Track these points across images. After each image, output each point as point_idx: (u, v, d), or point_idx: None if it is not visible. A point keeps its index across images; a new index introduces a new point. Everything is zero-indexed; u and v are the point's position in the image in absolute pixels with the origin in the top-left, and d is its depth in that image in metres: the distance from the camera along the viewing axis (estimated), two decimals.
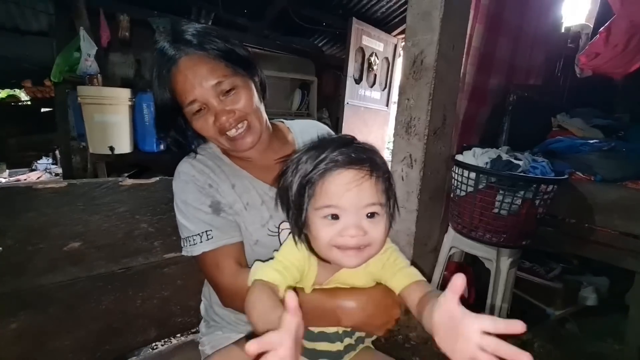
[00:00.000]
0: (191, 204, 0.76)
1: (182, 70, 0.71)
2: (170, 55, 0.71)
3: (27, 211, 0.74)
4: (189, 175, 0.78)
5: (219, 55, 0.72)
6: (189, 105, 0.72)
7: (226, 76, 0.72)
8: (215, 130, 0.74)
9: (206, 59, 0.71)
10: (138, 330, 0.94)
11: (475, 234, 1.83)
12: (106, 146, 2.74)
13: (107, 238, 0.86)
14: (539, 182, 1.63)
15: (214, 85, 0.71)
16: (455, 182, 1.89)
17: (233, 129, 0.74)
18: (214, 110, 0.73)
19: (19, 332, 0.76)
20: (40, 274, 0.78)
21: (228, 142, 0.76)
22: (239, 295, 0.65)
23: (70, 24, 3.10)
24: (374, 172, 0.54)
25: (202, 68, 0.71)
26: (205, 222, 0.75)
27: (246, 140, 0.76)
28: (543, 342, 1.89)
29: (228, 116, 0.73)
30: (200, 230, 0.74)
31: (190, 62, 0.71)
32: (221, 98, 0.72)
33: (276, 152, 0.84)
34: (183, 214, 0.77)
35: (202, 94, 0.71)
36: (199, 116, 0.74)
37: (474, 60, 2.23)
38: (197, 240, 0.74)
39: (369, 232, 0.55)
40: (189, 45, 0.71)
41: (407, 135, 1.96)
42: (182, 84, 0.71)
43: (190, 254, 0.76)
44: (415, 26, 1.86)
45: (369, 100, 4.42)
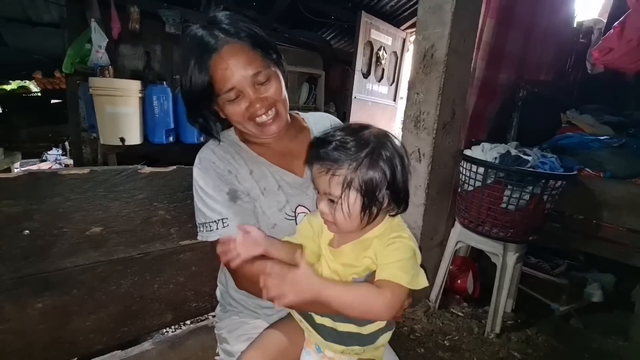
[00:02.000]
0: (209, 191, 0.78)
1: (224, 59, 0.72)
2: (212, 44, 0.72)
3: (53, 196, 0.77)
4: (209, 162, 0.81)
5: (256, 45, 0.75)
6: (227, 92, 0.74)
7: (263, 66, 0.75)
8: (246, 116, 0.77)
9: (246, 48, 0.74)
10: (154, 313, 0.97)
11: (482, 228, 1.84)
12: (117, 137, 2.78)
13: (126, 224, 0.89)
14: (548, 178, 1.63)
15: (253, 75, 0.74)
16: (463, 177, 1.89)
17: (263, 115, 0.77)
18: (249, 98, 0.76)
19: (44, 312, 0.80)
20: (64, 257, 0.81)
21: (255, 127, 0.79)
22: (254, 279, 0.68)
23: (82, 15, 3.12)
24: (330, 170, 0.64)
25: (243, 57, 0.73)
26: (222, 209, 0.77)
27: (273, 126, 0.79)
28: (548, 337, 1.90)
29: (262, 104, 0.76)
30: (216, 217, 0.76)
31: (232, 51, 0.73)
32: (256, 87, 0.76)
33: (291, 139, 0.89)
34: (201, 199, 0.79)
35: (241, 83, 0.74)
36: (234, 103, 0.76)
37: (484, 55, 2.22)
38: (214, 227, 0.76)
39: (331, 214, 0.67)
40: (228, 34, 0.73)
41: (416, 130, 1.97)
42: (223, 72, 0.73)
43: (206, 239, 0.78)
44: (426, 20, 1.85)
45: (376, 95, 4.41)
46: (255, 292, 0.74)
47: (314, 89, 4.42)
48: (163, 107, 3.04)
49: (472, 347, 1.82)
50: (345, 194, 0.63)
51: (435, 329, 1.93)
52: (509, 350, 1.80)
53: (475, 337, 1.89)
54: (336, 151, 0.64)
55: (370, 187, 0.64)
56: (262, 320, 0.87)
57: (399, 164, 0.66)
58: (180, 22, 3.55)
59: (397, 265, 0.63)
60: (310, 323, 0.74)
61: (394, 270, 0.63)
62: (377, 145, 0.65)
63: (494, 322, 1.89)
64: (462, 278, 2.20)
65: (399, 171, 0.66)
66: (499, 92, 2.36)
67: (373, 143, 0.64)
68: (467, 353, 1.77)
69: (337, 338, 0.71)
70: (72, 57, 3.01)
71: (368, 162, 0.63)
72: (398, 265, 0.63)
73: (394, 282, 0.62)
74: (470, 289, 2.20)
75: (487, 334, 1.89)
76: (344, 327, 0.70)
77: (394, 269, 0.63)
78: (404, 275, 0.63)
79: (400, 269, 0.63)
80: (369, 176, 0.63)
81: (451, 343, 1.84)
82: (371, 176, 0.63)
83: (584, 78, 2.96)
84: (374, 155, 0.64)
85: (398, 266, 0.63)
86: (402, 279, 0.62)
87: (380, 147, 0.65)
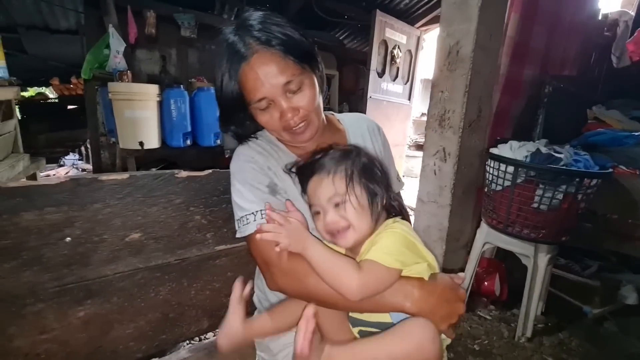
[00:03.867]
0: (249, 183, 0.76)
1: (253, 68, 0.70)
2: (242, 52, 0.70)
3: (93, 202, 0.76)
4: (248, 156, 0.79)
5: (288, 51, 0.72)
6: (258, 102, 0.73)
7: (295, 75, 0.72)
8: (280, 126, 0.76)
9: (277, 57, 0.71)
10: (192, 320, 0.96)
11: (512, 229, 1.78)
12: (136, 141, 2.79)
13: (164, 229, 0.87)
14: (583, 176, 1.57)
15: (284, 84, 0.72)
16: (490, 176, 1.84)
17: (294, 127, 0.76)
18: (280, 108, 0.74)
19: (86, 320, 0.79)
20: (105, 264, 0.80)
21: (288, 135, 0.78)
22: (291, 274, 0.67)
23: (99, 21, 3.16)
24: (329, 172, 0.70)
25: (273, 67, 0.70)
26: (261, 201, 0.74)
27: (305, 134, 0.78)
28: (581, 341, 1.84)
29: (293, 114, 0.74)
30: (254, 209, 0.73)
31: (262, 60, 0.70)
32: (288, 95, 0.74)
33: (327, 141, 0.85)
34: (240, 193, 0.76)
35: (272, 92, 0.72)
36: (266, 112, 0.75)
37: (509, 50, 2.16)
38: (251, 219, 0.73)
39: (343, 218, 0.68)
40: (259, 42, 0.70)
41: (441, 129, 1.92)
42: (253, 82, 0.71)
43: (243, 234, 0.75)
44: (450, 16, 1.81)
45: (391, 94, 4.35)
46: (293, 290, 0.71)
47: (327, 90, 4.39)
48: (180, 111, 3.05)
49: (503, 351, 1.76)
50: (350, 187, 0.67)
51: (464, 333, 1.88)
52: (542, 355, 1.74)
53: (506, 342, 1.84)
54: (327, 159, 0.71)
55: (369, 175, 0.70)
56: None
57: (376, 162, 0.75)
58: (195, 25, 3.57)
59: (381, 247, 0.65)
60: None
61: (376, 252, 0.64)
62: (354, 149, 0.75)
63: (525, 326, 1.83)
64: (489, 280, 2.14)
65: (379, 166, 0.74)
66: (524, 89, 2.30)
67: (350, 149, 0.74)
68: (498, 358, 1.72)
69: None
70: (91, 62, 3.05)
71: (357, 158, 0.71)
72: (382, 247, 0.65)
73: (372, 261, 0.63)
74: (498, 291, 2.14)
75: (518, 338, 1.84)
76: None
77: (377, 251, 0.64)
78: (386, 256, 0.63)
79: (383, 250, 0.64)
80: (363, 166, 0.70)
81: (481, 347, 1.79)
82: (365, 165, 0.71)
83: (609, 72, 2.87)
84: (360, 154, 0.73)
85: (382, 248, 0.65)
86: (382, 259, 0.63)
87: (357, 150, 0.75)
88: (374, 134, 0.97)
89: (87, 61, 3.05)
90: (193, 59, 3.96)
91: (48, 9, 3.72)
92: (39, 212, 0.70)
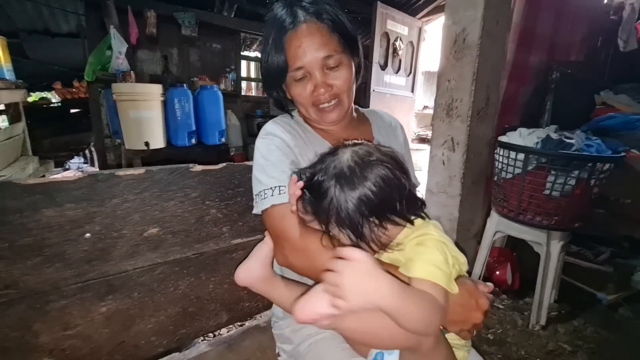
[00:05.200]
0: (272, 159, 0.75)
1: (299, 36, 0.72)
2: (290, 21, 0.72)
3: (112, 198, 0.76)
4: (275, 134, 0.79)
5: (334, 28, 0.74)
6: (295, 70, 0.74)
7: (336, 51, 0.74)
8: (310, 100, 0.77)
9: (323, 30, 0.73)
10: (210, 314, 0.96)
11: (523, 217, 1.77)
12: (142, 142, 2.80)
13: (181, 224, 0.87)
14: (596, 161, 1.55)
15: (324, 57, 0.73)
16: (499, 165, 1.83)
17: (325, 103, 0.77)
18: (315, 81, 0.75)
19: (108, 316, 0.79)
20: (124, 260, 0.80)
21: (316, 112, 0.79)
22: (302, 251, 0.66)
23: (101, 23, 3.16)
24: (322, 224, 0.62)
25: (317, 38, 0.72)
26: (282, 177, 0.73)
27: (333, 114, 0.78)
28: (597, 327, 1.83)
29: (326, 89, 0.75)
30: (273, 185, 0.72)
31: (308, 30, 0.72)
32: (325, 71, 0.75)
33: (354, 129, 0.87)
34: (261, 168, 0.75)
35: (310, 63, 0.73)
36: (300, 83, 0.76)
37: (514, 37, 2.14)
38: (269, 193, 0.72)
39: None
40: (308, 13, 0.73)
41: (449, 118, 1.90)
42: (295, 49, 0.72)
43: (260, 209, 0.74)
44: (456, 3, 1.78)
45: (394, 87, 4.33)
46: (302, 266, 0.70)
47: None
48: (184, 110, 3.05)
49: (518, 340, 1.76)
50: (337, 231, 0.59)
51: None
52: (557, 343, 1.73)
53: (520, 330, 1.83)
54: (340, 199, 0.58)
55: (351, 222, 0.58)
56: None
57: (374, 185, 0.57)
58: (195, 24, 3.56)
59: (435, 266, 0.57)
60: None
61: (435, 273, 0.56)
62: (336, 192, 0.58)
63: (539, 314, 1.82)
64: (500, 269, 2.13)
65: (377, 191, 0.58)
66: (530, 75, 2.27)
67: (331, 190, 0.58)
68: (513, 347, 1.72)
69: None
70: (94, 64, 3.05)
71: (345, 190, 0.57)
72: (435, 266, 0.57)
73: (437, 285, 0.56)
74: (510, 280, 2.13)
75: (532, 326, 1.83)
76: None
77: (435, 272, 0.56)
78: (446, 279, 0.57)
79: (438, 269, 0.56)
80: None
81: (495, 337, 1.78)
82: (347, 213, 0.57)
83: (616, 57, 2.83)
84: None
85: (435, 267, 0.57)
86: (444, 282, 0.56)
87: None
88: (396, 131, 0.97)
89: (90, 63, 3.05)
90: (194, 57, 3.96)
91: (49, 13, 3.72)
92: (59, 208, 0.70)
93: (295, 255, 0.69)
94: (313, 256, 0.66)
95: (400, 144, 0.95)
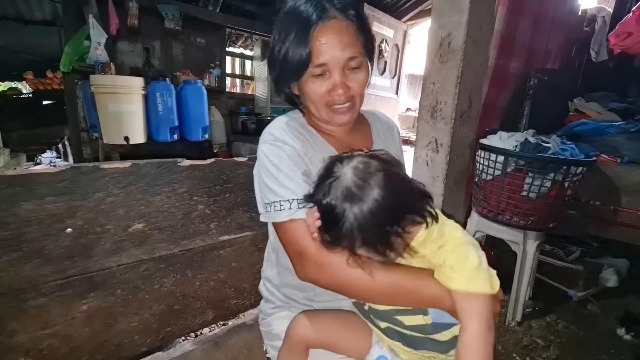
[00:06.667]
0: (284, 169, 0.72)
1: (327, 32, 0.68)
2: (317, 14, 0.69)
3: (95, 192, 0.73)
4: (285, 141, 0.76)
5: (361, 29, 0.71)
6: (317, 67, 0.70)
7: (360, 53, 0.71)
8: (325, 99, 0.73)
9: (351, 29, 0.70)
10: (197, 312, 0.94)
11: (502, 217, 1.84)
12: (121, 136, 2.71)
13: (167, 219, 0.85)
14: (570, 164, 1.63)
15: (348, 58, 0.70)
16: (480, 166, 1.89)
17: (339, 104, 0.74)
18: (334, 80, 0.71)
19: (90, 314, 0.76)
20: (108, 256, 0.77)
21: (328, 113, 0.75)
22: (326, 267, 0.65)
23: (78, 12, 3.03)
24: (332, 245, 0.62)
25: (345, 37, 0.69)
26: (298, 189, 0.71)
27: (345, 116, 0.75)
28: (568, 323, 1.92)
29: (344, 91, 0.72)
30: (290, 197, 0.70)
31: (337, 27, 0.69)
32: (346, 71, 0.71)
33: (356, 132, 0.85)
34: (273, 177, 0.72)
35: (333, 62, 0.70)
36: (317, 80, 0.72)
37: (496, 43, 2.21)
38: (286, 206, 0.70)
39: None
40: (336, 8, 0.69)
41: (433, 120, 1.94)
42: (320, 45, 0.69)
43: (273, 219, 0.71)
44: (442, 8, 1.82)
45: (379, 89, 4.38)
46: (326, 282, 0.68)
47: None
48: (167, 104, 2.98)
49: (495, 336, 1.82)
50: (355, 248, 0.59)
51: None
52: (531, 338, 1.80)
53: (497, 326, 1.89)
54: (348, 216, 0.57)
55: (370, 233, 0.57)
56: None
57: (381, 196, 0.57)
58: (179, 17, 3.47)
59: (472, 271, 0.57)
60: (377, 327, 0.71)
61: (475, 279, 0.56)
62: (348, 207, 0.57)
63: (515, 311, 1.89)
64: None
65: (384, 201, 0.57)
66: (510, 81, 2.36)
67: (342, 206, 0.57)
68: None
69: (411, 342, 0.68)
70: (70, 55, 2.92)
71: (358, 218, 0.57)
72: (473, 271, 0.57)
73: (480, 294, 0.56)
74: None
75: (509, 322, 1.90)
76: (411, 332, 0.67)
77: (475, 277, 0.56)
78: (485, 282, 0.57)
79: (481, 275, 0.57)
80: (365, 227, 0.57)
81: None
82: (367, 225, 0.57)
83: (588, 66, 2.98)
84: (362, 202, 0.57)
85: (474, 272, 0.57)
86: (486, 287, 0.56)
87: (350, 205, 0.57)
88: (393, 133, 0.96)
89: (66, 53, 2.92)
90: (178, 51, 3.86)
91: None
92: (39, 202, 0.67)
93: (319, 271, 0.68)
94: (338, 270, 0.65)
95: (397, 146, 0.95)
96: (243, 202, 0.97)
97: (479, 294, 0.56)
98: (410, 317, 0.65)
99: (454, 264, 0.57)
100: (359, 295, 0.69)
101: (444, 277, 0.58)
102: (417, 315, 0.64)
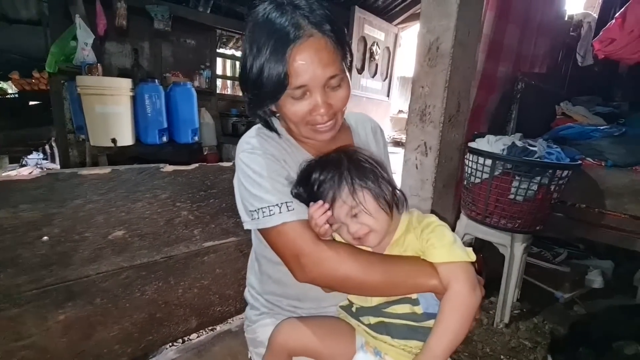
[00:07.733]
0: (268, 175, 0.71)
1: (305, 51, 0.64)
2: (293, 32, 0.64)
3: (73, 198, 0.71)
4: (262, 148, 0.74)
5: (338, 42, 0.67)
6: (296, 88, 0.66)
7: (340, 70, 0.68)
8: (306, 119, 0.71)
9: (330, 46, 0.66)
10: (179, 320, 0.92)
11: (490, 220, 1.85)
12: (108, 138, 2.67)
13: (149, 226, 0.83)
14: (556, 168, 1.65)
15: (329, 77, 0.67)
16: (469, 170, 1.90)
17: (322, 123, 0.71)
18: (315, 101, 0.68)
19: (67, 324, 0.74)
20: (86, 264, 0.75)
21: (309, 132, 0.73)
22: (323, 263, 0.65)
23: (65, 11, 2.97)
24: (334, 196, 0.69)
25: (324, 55, 0.65)
26: (285, 193, 0.70)
27: (327, 134, 0.74)
28: (554, 324, 1.94)
29: (326, 110, 0.69)
30: (279, 201, 0.69)
31: (316, 45, 0.65)
32: (327, 90, 0.69)
33: (336, 140, 0.81)
34: (257, 184, 0.71)
35: (314, 81, 0.66)
36: (297, 101, 0.69)
37: (484, 48, 2.23)
38: (276, 210, 0.68)
39: (364, 225, 0.71)
40: (311, 23, 0.65)
41: (422, 123, 1.95)
42: (299, 66, 0.65)
43: (264, 225, 0.69)
44: (430, 12, 1.84)
45: (370, 91, 4.40)
46: (326, 279, 0.68)
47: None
48: (155, 106, 2.94)
49: (483, 338, 1.83)
50: (357, 198, 0.67)
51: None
52: (519, 339, 1.82)
53: (485, 328, 1.91)
54: (325, 186, 0.68)
55: (369, 177, 0.69)
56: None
57: (371, 160, 0.72)
58: (169, 18, 3.44)
59: (450, 245, 0.65)
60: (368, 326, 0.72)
61: (453, 250, 0.64)
62: (345, 156, 0.71)
63: (503, 313, 1.91)
64: None
65: (374, 163, 0.71)
66: (498, 85, 2.38)
67: (341, 158, 0.71)
68: (479, 344, 1.78)
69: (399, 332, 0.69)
70: (56, 55, 2.87)
71: (350, 165, 0.69)
72: (451, 245, 0.65)
73: (460, 262, 0.63)
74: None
75: (497, 324, 1.91)
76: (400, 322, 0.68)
77: (454, 249, 0.64)
78: (462, 252, 0.64)
79: (458, 247, 0.64)
80: (360, 171, 0.69)
81: None
82: (361, 168, 0.69)
83: (574, 70, 3.04)
84: (351, 158, 0.71)
85: (452, 245, 0.65)
86: (463, 256, 0.63)
87: (349, 154, 0.72)
88: (376, 134, 0.94)
89: (52, 54, 2.87)
90: (167, 53, 3.83)
91: None
92: (13, 209, 0.65)
93: (317, 269, 0.67)
94: (335, 265, 0.66)
95: (380, 149, 0.93)
96: (228, 207, 0.95)
97: (459, 262, 0.64)
98: (400, 306, 0.69)
99: (435, 242, 0.66)
100: (356, 288, 0.69)
101: (429, 255, 0.66)
102: (406, 305, 0.69)
